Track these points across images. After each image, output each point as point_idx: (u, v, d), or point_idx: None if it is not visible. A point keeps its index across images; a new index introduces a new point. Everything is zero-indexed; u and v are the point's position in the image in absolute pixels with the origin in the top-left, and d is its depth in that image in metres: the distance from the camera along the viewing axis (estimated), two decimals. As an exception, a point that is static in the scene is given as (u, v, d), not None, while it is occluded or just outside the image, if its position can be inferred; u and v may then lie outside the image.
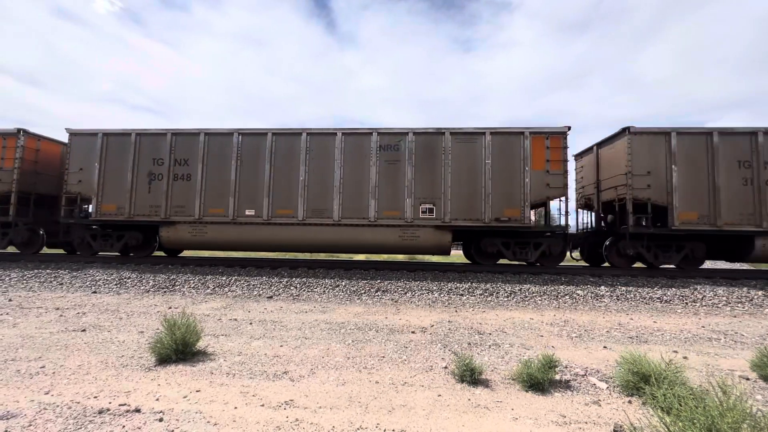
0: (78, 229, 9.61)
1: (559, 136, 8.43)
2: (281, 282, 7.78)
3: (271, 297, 7.06)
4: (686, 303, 6.81)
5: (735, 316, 6.13)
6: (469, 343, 4.33)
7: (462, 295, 7.16)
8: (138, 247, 9.68)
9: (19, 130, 9.63)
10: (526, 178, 8.38)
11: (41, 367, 3.32)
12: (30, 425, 2.32)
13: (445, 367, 3.48)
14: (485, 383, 3.13)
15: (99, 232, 9.62)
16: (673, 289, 7.38)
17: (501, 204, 8.42)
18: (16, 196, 9.54)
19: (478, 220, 8.46)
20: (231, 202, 8.91)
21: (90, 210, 9.51)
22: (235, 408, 2.62)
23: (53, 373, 3.20)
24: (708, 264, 13.79)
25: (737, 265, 13.49)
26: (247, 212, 8.90)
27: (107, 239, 9.54)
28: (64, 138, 9.68)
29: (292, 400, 2.75)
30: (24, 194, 9.73)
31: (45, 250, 11.16)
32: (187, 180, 9.06)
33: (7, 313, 5.42)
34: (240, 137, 9.04)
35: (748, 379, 3.32)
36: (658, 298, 6.97)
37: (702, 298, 6.96)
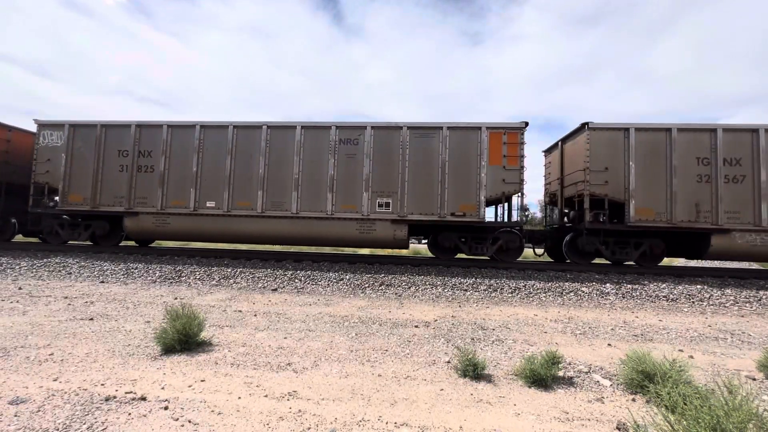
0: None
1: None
2: (286, 275, 7.83)
3: (275, 289, 7.11)
4: (693, 302, 6.74)
5: (742, 316, 6.06)
6: (473, 339, 4.33)
7: (466, 290, 7.15)
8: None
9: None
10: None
11: (50, 355, 3.37)
12: (39, 410, 2.36)
13: (448, 362, 3.49)
14: (488, 378, 3.13)
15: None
16: (680, 287, 7.31)
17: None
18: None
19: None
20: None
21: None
22: (239, 398, 2.64)
23: (61, 360, 3.26)
24: (718, 263, 13.66)
25: (745, 265, 13.33)
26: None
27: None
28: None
29: (295, 392, 2.77)
30: None
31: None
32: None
33: (18, 301, 5.51)
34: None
35: (754, 379, 3.28)
36: (664, 297, 6.91)
37: (709, 297, 6.88)
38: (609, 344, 4.27)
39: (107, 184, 9.37)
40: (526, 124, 8.46)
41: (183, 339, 3.55)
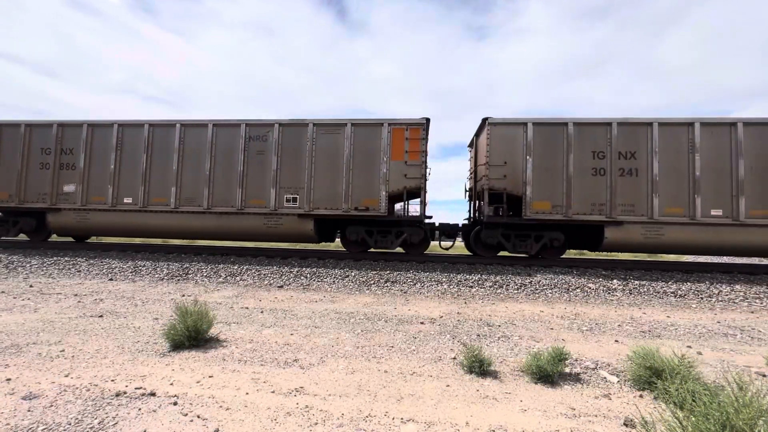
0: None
1: None
2: (292, 272, 7.87)
3: (281, 286, 7.15)
4: (701, 298, 6.67)
5: (752, 312, 5.99)
6: (478, 335, 4.33)
7: (471, 287, 7.14)
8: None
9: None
10: None
11: (61, 351, 3.43)
12: (51, 406, 2.40)
13: (454, 358, 3.49)
14: (494, 375, 3.13)
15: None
16: (688, 283, 7.24)
17: None
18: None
19: None
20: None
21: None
22: (247, 394, 2.67)
23: (72, 356, 3.31)
24: (729, 259, 13.48)
25: (755, 260, 13.13)
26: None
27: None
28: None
29: (302, 388, 2.79)
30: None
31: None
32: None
33: (29, 299, 5.60)
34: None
35: (765, 375, 3.25)
36: (672, 293, 6.84)
37: (718, 293, 6.81)
38: (616, 340, 4.24)
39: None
40: None
41: (192, 335, 3.59)
